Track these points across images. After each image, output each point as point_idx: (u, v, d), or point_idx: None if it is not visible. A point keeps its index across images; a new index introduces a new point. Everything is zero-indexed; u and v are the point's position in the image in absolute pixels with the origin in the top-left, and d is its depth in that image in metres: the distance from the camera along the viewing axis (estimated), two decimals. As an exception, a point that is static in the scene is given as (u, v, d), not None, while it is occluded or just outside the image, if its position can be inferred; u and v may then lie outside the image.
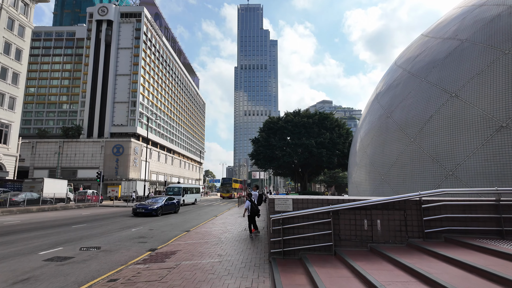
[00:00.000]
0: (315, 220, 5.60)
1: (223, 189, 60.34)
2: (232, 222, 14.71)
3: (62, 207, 25.30)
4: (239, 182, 68.62)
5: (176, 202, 22.47)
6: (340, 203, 5.53)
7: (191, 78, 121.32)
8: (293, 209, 5.74)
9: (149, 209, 19.04)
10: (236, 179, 69.70)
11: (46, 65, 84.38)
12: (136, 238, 10.49)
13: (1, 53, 35.94)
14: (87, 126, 71.04)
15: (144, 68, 75.04)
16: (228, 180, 64.03)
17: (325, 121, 45.50)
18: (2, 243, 8.91)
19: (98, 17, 73.66)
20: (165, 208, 20.59)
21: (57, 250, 8.15)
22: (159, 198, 21.54)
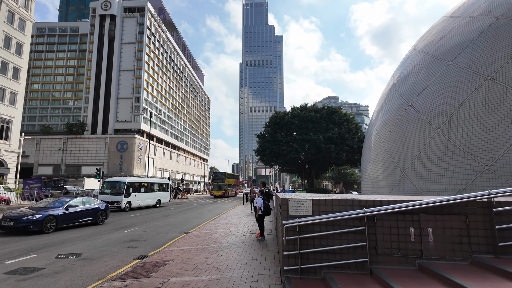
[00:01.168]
0: (343, 228, 4.22)
1: (214, 185, 48.41)
2: (236, 222, 13.40)
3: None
4: (234, 177, 57.25)
5: (98, 207, 13.50)
6: (377, 205, 4.16)
7: (196, 74, 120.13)
8: (313, 212, 4.39)
9: (24, 221, 10.36)
10: (231, 174, 58.23)
11: (50, 61, 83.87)
12: (126, 241, 9.24)
13: (1, 47, 35.00)
14: (91, 123, 70.38)
15: (148, 64, 73.98)
16: (220, 174, 51.34)
17: (334, 116, 43.90)
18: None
19: (101, 11, 72.69)
20: (68, 218, 11.79)
21: (29, 258, 6.91)
22: (61, 201, 12.34)
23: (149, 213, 19.47)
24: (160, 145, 78.58)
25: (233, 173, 60.21)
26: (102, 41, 72.84)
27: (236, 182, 56.00)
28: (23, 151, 65.46)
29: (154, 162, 73.34)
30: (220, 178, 49.32)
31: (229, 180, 51.48)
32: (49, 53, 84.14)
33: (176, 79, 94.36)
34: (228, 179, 50.51)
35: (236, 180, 56.74)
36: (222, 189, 47.18)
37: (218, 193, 46.95)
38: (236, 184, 55.78)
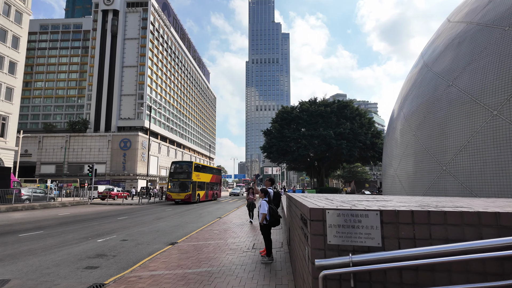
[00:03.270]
0: (478, 282, 1.79)
1: (174, 183, 29.23)
2: (237, 230, 11.05)
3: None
4: (209, 172, 36.56)
5: None
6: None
7: (201, 72, 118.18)
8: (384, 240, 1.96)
9: None
10: (205, 166, 36.98)
11: (53, 59, 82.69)
12: (90, 257, 6.98)
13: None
14: (93, 120, 68.86)
15: (152, 60, 72.12)
16: (183, 166, 30.98)
17: (345, 110, 41.27)
18: None
19: (104, 6, 71.06)
20: None
21: None
22: None
23: (141, 216, 17.28)
24: (165, 143, 76.75)
25: (207, 165, 38.97)
26: (105, 37, 71.25)
27: (215, 179, 37.64)
28: (26, 150, 64.31)
29: (158, 161, 71.56)
30: (183, 171, 29.65)
31: (201, 176, 31.71)
32: (52, 50, 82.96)
33: (181, 76, 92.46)
34: (198, 173, 30.79)
35: (215, 176, 37.81)
36: (186, 190, 28.37)
37: (180, 195, 28.08)
38: (215, 181, 37.60)
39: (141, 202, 29.10)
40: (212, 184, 36.24)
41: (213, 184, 36.74)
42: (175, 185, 28.92)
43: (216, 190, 37.70)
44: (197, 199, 30.04)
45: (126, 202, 30.55)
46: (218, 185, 39.32)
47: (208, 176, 34.64)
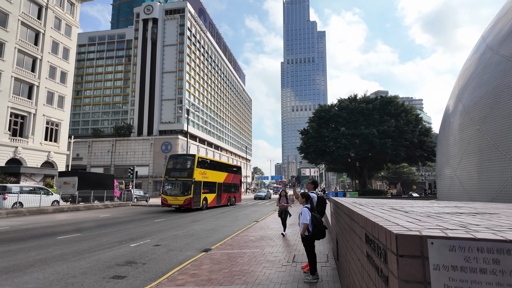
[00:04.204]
0: None
1: (171, 184, 22.46)
2: (275, 237, 10.18)
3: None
4: (222, 168, 28.27)
5: None
6: None
7: (237, 74, 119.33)
8: None
9: None
10: (216, 161, 29.04)
11: (100, 68, 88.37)
12: (119, 264, 6.57)
13: (49, 53, 35.76)
14: (137, 125, 72.23)
15: (189, 65, 73.99)
16: (182, 160, 24.00)
17: (388, 106, 38.57)
18: None
19: (144, 16, 74.38)
20: None
21: None
22: None
23: (177, 218, 17.12)
24: (203, 145, 78.26)
25: (220, 161, 31.78)
26: (146, 45, 74.51)
27: (233, 179, 29.61)
28: (77, 154, 69.21)
29: (196, 163, 73.05)
30: (182, 168, 22.89)
31: (209, 174, 24.39)
32: (99, 60, 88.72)
33: (218, 79, 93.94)
34: (203, 170, 23.47)
35: (233, 176, 29.65)
36: (186, 192, 21.54)
37: (177, 200, 21.47)
38: (233, 182, 29.61)
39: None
40: (228, 186, 28.14)
41: (229, 186, 28.57)
42: (172, 186, 21.83)
43: (233, 193, 29.64)
44: (203, 204, 22.77)
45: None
46: (237, 187, 30.95)
47: (221, 175, 26.63)
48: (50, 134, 35.94)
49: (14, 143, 30.89)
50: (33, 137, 33.18)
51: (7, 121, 30.21)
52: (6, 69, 30.22)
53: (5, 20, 30.29)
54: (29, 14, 33.02)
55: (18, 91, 31.88)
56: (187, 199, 21.08)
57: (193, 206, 21.45)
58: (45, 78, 34.77)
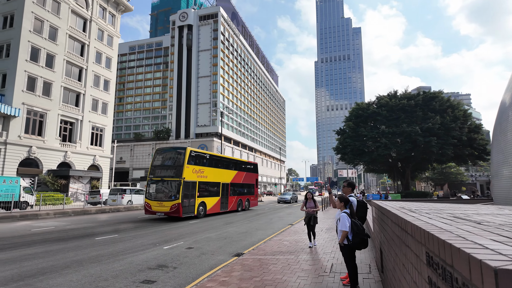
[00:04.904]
0: None
1: (156, 187, 17.51)
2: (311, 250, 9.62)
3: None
4: (233, 166, 23.57)
5: None
6: None
7: (270, 76, 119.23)
8: None
9: None
10: (219, 156, 22.95)
11: (140, 75, 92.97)
12: (150, 268, 6.48)
13: (93, 62, 38.04)
14: (175, 128, 74.91)
15: (223, 68, 75.24)
16: (171, 154, 18.89)
17: (433, 102, 35.91)
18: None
19: (179, 23, 77.03)
20: None
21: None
22: None
23: (212, 219, 17.11)
24: (237, 147, 79.01)
25: (225, 156, 24.99)
26: (182, 51, 77.08)
27: (245, 179, 24.33)
28: (120, 157, 73.29)
29: (231, 164, 73.90)
30: (170, 165, 18.17)
31: (208, 172, 19.44)
32: (139, 68, 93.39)
33: (251, 81, 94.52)
34: (198, 168, 18.54)
35: (245, 175, 24.40)
36: (173, 196, 16.65)
37: (162, 206, 16.70)
38: (245, 182, 24.36)
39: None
40: (239, 187, 23.17)
41: (240, 187, 23.50)
42: (156, 188, 17.24)
43: (246, 195, 24.27)
44: (200, 211, 17.83)
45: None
46: (252, 189, 25.49)
47: (227, 174, 21.59)
48: (95, 139, 38.18)
49: (64, 148, 33.21)
50: (81, 142, 35.45)
51: (57, 127, 32.59)
52: (56, 80, 32.63)
53: (55, 34, 32.76)
54: (76, 28, 35.42)
55: (67, 99, 34.27)
56: (175, 205, 15.91)
57: (183, 214, 16.14)
58: (90, 87, 37.04)
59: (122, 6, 42.59)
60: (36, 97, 30.47)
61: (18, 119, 28.74)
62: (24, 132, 29.34)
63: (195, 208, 17.42)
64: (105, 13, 40.34)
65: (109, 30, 40.92)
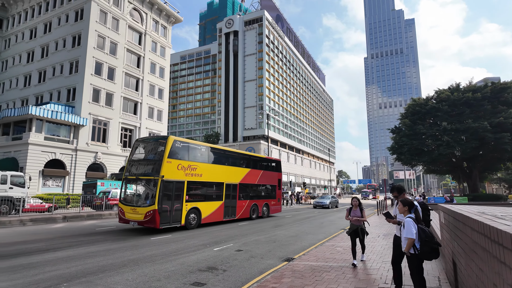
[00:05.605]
0: None
1: (131, 187, 14.04)
2: (367, 250, 8.95)
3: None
4: (245, 162, 18.88)
5: None
6: None
7: (316, 76, 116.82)
8: None
9: None
10: (221, 149, 17.81)
11: (191, 83, 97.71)
12: (200, 270, 6.51)
13: (149, 73, 40.74)
14: (223, 132, 77.16)
15: (269, 71, 75.62)
16: (151, 145, 14.54)
17: (504, 94, 31.87)
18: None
19: (226, 30, 79.35)
20: None
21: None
22: None
23: (259, 222, 17.01)
24: (284, 149, 78.56)
25: (226, 149, 18.61)
26: (228, 57, 79.27)
27: (262, 178, 20.01)
28: (174, 161, 77.54)
29: (279, 167, 73.62)
30: (148, 160, 13.75)
31: (202, 169, 14.89)
32: (190, 76, 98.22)
33: (297, 82, 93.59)
34: (188, 162, 14.10)
35: (262, 174, 19.97)
36: (148, 201, 12.59)
37: (136, 213, 12.55)
38: (260, 182, 19.83)
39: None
40: (253, 189, 18.96)
41: (255, 189, 19.30)
42: (131, 190, 14.03)
43: (263, 199, 19.92)
44: (190, 219, 13.71)
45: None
46: (271, 191, 20.94)
47: (236, 172, 17.44)
48: (151, 144, 40.72)
49: (125, 153, 35.97)
50: (138, 147, 38.10)
51: (119, 134, 35.45)
52: (117, 91, 35.58)
53: (115, 49, 35.78)
54: (132, 41, 38.31)
55: (126, 108, 37.13)
56: (149, 212, 12.04)
57: (161, 224, 12.19)
58: (146, 95, 39.68)
59: (172, 17, 45.05)
60: (100, 107, 33.50)
61: (86, 128, 31.85)
62: (91, 140, 32.41)
63: (182, 216, 13.12)
64: (157, 26, 43.00)
65: (161, 41, 43.49)
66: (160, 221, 12.06)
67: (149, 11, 41.22)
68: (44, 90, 34.90)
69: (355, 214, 7.13)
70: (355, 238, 7.10)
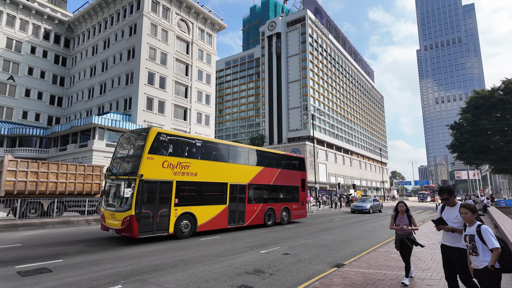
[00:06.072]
0: None
1: (110, 189, 11.79)
2: (426, 257, 8.24)
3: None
4: (258, 158, 16.20)
5: None
6: None
7: (364, 72, 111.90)
8: None
9: None
10: (212, 141, 14.86)
11: (236, 88, 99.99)
12: (246, 273, 6.51)
13: (196, 80, 42.62)
14: (268, 134, 77.52)
15: (313, 71, 74.31)
16: (133, 139, 12.24)
17: None
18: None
19: (268, 33, 79.82)
20: None
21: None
22: None
23: (306, 225, 16.64)
24: (331, 150, 76.36)
25: (229, 143, 15.39)
26: (271, 60, 79.59)
27: (278, 177, 16.81)
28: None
29: (327, 168, 71.75)
30: (130, 156, 11.78)
31: (196, 166, 12.45)
32: (235, 81, 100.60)
33: (343, 80, 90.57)
34: (178, 159, 11.86)
35: (277, 172, 16.89)
36: (125, 205, 10.54)
37: (114, 220, 10.58)
38: (276, 183, 16.73)
39: (311, 209, 29.06)
40: (267, 190, 16.26)
41: (271, 191, 16.49)
42: (110, 193, 11.83)
43: (283, 203, 17.16)
44: (181, 227, 11.58)
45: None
46: (293, 193, 18.15)
47: (245, 171, 15.00)
48: (200, 148, 42.43)
49: (176, 157, 37.92)
50: (188, 151, 39.94)
51: (170, 139, 37.51)
52: (168, 99, 37.74)
53: (165, 59, 38.03)
54: (180, 51, 40.37)
55: (177, 114, 39.18)
56: (126, 218, 10.14)
57: (140, 232, 10.15)
58: (194, 102, 41.48)
59: (217, 25, 46.58)
60: (154, 114, 35.80)
61: (141, 134, 34.25)
62: (146, 145, 34.75)
63: (170, 222, 11.06)
64: (203, 34, 44.77)
65: (207, 49, 45.17)
66: (139, 230, 10.02)
67: (195, 21, 43.11)
68: (105, 101, 38.32)
69: (402, 222, 5.85)
70: (406, 250, 5.78)
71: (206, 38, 45.42)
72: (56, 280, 5.81)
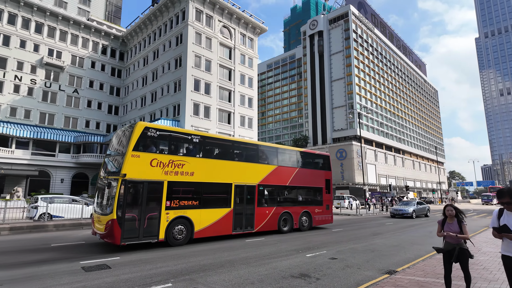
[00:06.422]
0: None
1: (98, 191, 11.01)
2: (491, 266, 7.43)
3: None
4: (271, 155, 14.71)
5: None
6: None
7: (414, 66, 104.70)
8: None
9: None
10: (211, 137, 13.79)
11: (278, 89, 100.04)
12: (292, 277, 6.44)
13: (239, 84, 43.48)
14: (311, 135, 76.14)
15: (358, 67, 71.48)
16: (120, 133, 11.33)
17: None
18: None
19: (310, 32, 78.62)
20: None
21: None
22: None
23: (356, 229, 15.96)
24: (381, 149, 72.52)
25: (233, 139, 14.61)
26: (314, 59, 78.21)
27: (295, 177, 15.05)
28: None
29: (376, 169, 68.30)
30: (115, 155, 10.93)
31: (192, 165, 11.23)
32: (276, 83, 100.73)
33: (391, 76, 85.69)
34: (170, 157, 10.78)
35: (295, 171, 15.15)
36: (108, 208, 9.53)
37: (100, 224, 9.62)
38: (293, 184, 14.92)
39: (359, 213, 27.90)
40: (282, 192, 14.65)
41: (286, 192, 14.86)
42: (98, 195, 10.96)
43: (303, 206, 15.30)
44: (175, 233, 10.36)
45: (344, 212, 30.27)
46: (315, 196, 16.19)
47: (254, 170, 13.37)
48: (244, 150, 43.12)
49: (221, 160, 39.00)
50: (233, 154, 40.82)
51: (215, 143, 38.70)
52: (213, 104, 39.02)
53: (209, 65, 39.41)
54: (223, 57, 41.53)
55: (221, 118, 40.31)
56: (109, 223, 9.16)
57: (123, 239, 9.12)
58: (238, 105, 42.31)
59: (258, 29, 47.09)
60: (200, 119, 37.25)
61: (189, 139, 35.84)
62: (193, 149, 36.27)
63: (161, 228, 9.95)
64: (245, 39, 45.54)
65: (249, 53, 45.84)
66: (122, 235, 8.97)
67: (236, 26, 44.05)
68: (156, 108, 40.83)
69: (451, 228, 4.98)
70: (451, 262, 4.98)
71: (247, 42, 46.12)
72: (114, 276, 6.32)
